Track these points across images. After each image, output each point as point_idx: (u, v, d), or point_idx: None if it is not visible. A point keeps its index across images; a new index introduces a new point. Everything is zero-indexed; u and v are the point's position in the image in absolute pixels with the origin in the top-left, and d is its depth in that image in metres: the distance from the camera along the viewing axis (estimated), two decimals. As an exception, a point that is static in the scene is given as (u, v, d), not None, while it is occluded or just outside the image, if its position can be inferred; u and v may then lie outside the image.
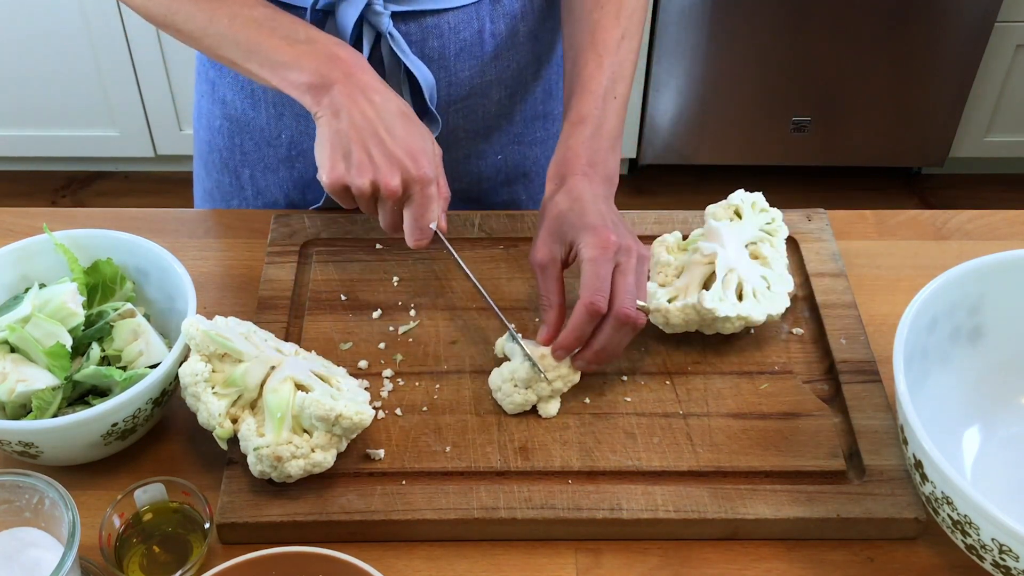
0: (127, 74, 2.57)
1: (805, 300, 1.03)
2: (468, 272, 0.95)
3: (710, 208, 1.05)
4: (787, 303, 0.98)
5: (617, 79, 0.99)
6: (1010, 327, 0.92)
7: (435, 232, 0.93)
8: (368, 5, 1.01)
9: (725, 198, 1.05)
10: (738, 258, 0.98)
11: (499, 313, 0.95)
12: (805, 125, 2.63)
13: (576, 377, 0.92)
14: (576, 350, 0.91)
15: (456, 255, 0.95)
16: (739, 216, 1.03)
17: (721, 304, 0.94)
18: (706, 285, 0.97)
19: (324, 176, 0.92)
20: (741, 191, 1.04)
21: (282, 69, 0.93)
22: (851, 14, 2.42)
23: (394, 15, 1.03)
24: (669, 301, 0.96)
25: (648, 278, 0.96)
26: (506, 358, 0.95)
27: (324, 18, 1.03)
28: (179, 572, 0.80)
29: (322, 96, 0.91)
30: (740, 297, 0.96)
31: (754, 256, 1.01)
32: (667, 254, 1.01)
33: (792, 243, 1.08)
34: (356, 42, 1.03)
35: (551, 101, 1.21)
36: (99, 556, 0.82)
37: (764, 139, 2.68)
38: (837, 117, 2.62)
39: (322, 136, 0.92)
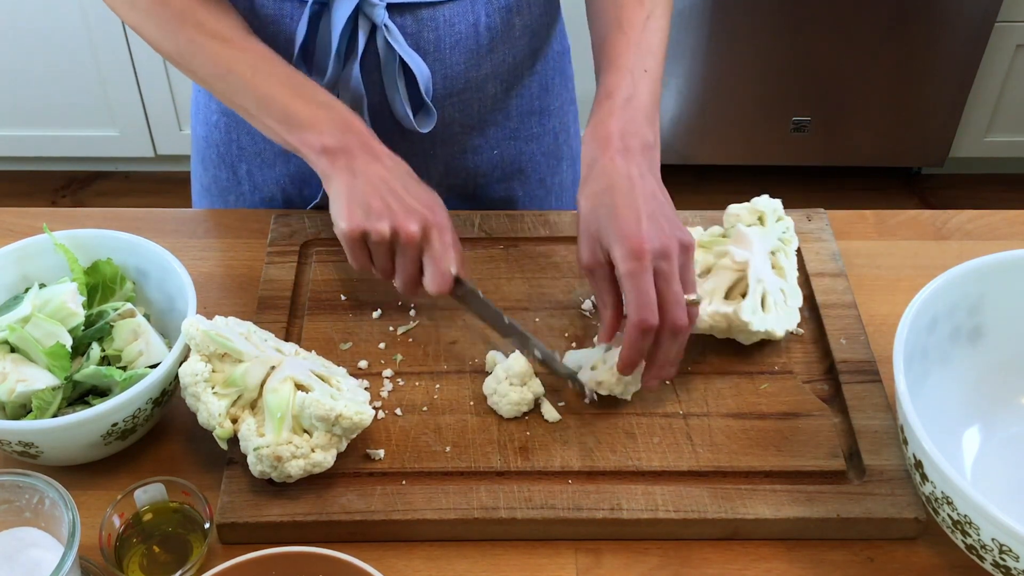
0: (127, 74, 2.57)
1: (805, 300, 1.03)
2: (501, 314, 0.96)
3: (732, 208, 1.03)
4: (798, 318, 0.98)
5: (645, 53, 0.98)
6: (1010, 327, 0.92)
7: (456, 278, 0.94)
8: None
9: (725, 198, 1.04)
10: (764, 268, 0.97)
11: (539, 345, 0.95)
12: (805, 125, 2.63)
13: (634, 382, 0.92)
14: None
15: (483, 297, 0.96)
16: (762, 223, 1.02)
17: (755, 317, 0.93)
18: (729, 291, 0.96)
19: (343, 223, 0.93)
20: (766, 197, 1.03)
21: (299, 128, 0.96)
22: (851, 14, 2.42)
23: (389, 7, 1.03)
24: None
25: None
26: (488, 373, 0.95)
27: (320, 11, 1.03)
28: (179, 572, 0.80)
29: (338, 159, 0.95)
30: (763, 308, 0.95)
31: (773, 266, 0.99)
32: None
33: (792, 243, 1.08)
34: (351, 34, 1.03)
35: (547, 96, 1.21)
36: (99, 556, 0.82)
37: (764, 139, 2.68)
38: (837, 117, 2.62)
39: (338, 192, 0.94)
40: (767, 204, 1.03)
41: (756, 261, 0.96)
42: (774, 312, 0.95)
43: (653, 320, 0.85)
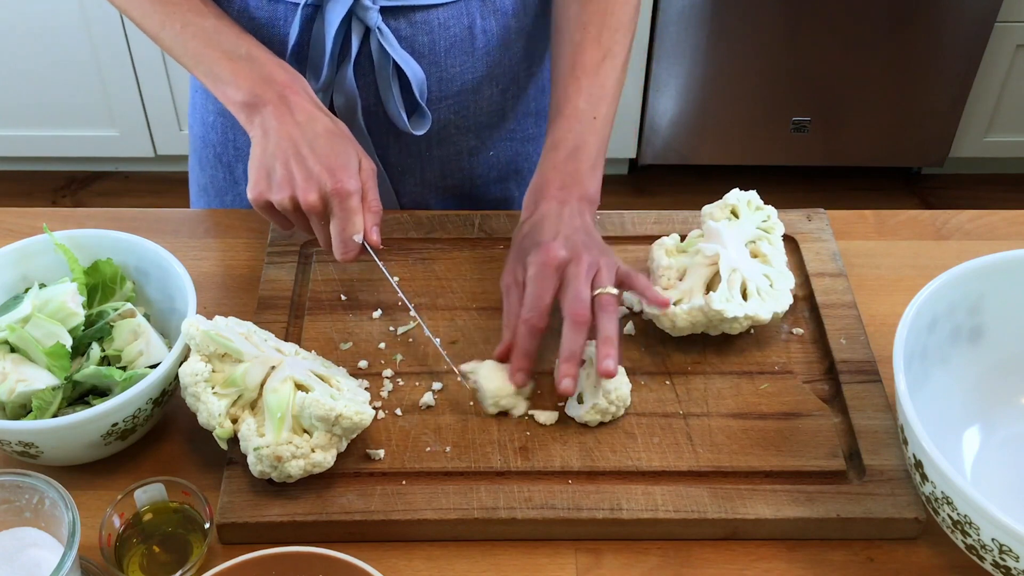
0: (127, 74, 2.57)
1: (805, 300, 1.03)
2: (397, 288, 0.98)
3: (706, 209, 1.05)
4: (790, 300, 0.98)
5: (598, 100, 1.00)
6: (1010, 327, 0.92)
7: (364, 245, 0.94)
8: (356, 0, 1.01)
9: (720, 198, 1.05)
10: (740, 258, 0.98)
11: (427, 330, 0.97)
12: (805, 125, 2.63)
13: (625, 391, 0.91)
14: (520, 368, 0.92)
15: (385, 270, 0.97)
16: (736, 216, 1.03)
17: (729, 305, 0.94)
18: (709, 286, 0.97)
19: (249, 193, 0.95)
20: (736, 190, 1.04)
21: (221, 83, 0.97)
22: (851, 14, 2.43)
23: (383, 10, 1.03)
24: (674, 304, 0.96)
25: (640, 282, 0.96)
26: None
27: (314, 13, 1.03)
28: (179, 572, 0.80)
29: (254, 115, 0.95)
30: (745, 297, 0.96)
31: (754, 254, 1.01)
32: (667, 257, 1.01)
33: (792, 243, 1.08)
34: (345, 37, 1.03)
35: (543, 98, 1.21)
36: (99, 556, 0.82)
37: (764, 139, 2.68)
38: (837, 117, 2.62)
39: (252, 155, 0.95)
40: (739, 197, 1.04)
41: (727, 253, 0.98)
42: (757, 298, 0.96)
43: (538, 321, 0.90)
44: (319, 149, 0.93)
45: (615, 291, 0.91)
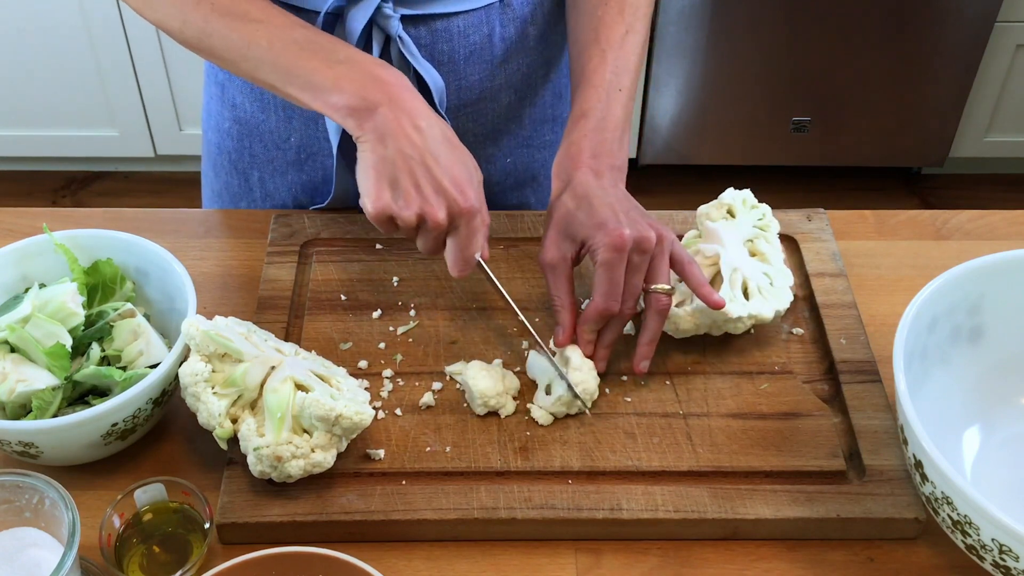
0: (127, 74, 2.57)
1: (805, 300, 1.03)
2: (510, 301, 0.96)
3: (702, 209, 1.05)
4: (791, 297, 0.98)
5: (621, 72, 0.99)
6: (1010, 327, 0.92)
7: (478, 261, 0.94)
8: (378, 8, 1.01)
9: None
10: (739, 257, 0.98)
11: (537, 339, 0.95)
12: (805, 125, 2.63)
13: (592, 385, 0.92)
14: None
15: (497, 283, 0.95)
16: (732, 215, 1.03)
17: (732, 305, 0.94)
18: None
19: (369, 205, 0.89)
20: (731, 189, 1.04)
21: (322, 92, 0.90)
22: (851, 14, 2.42)
23: (404, 18, 1.03)
24: (677, 306, 0.96)
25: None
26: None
27: (335, 21, 1.03)
28: (179, 572, 0.80)
29: (365, 120, 0.89)
30: (747, 296, 0.96)
31: (752, 253, 1.01)
32: None
33: (792, 243, 1.08)
34: (365, 45, 1.03)
35: (560, 104, 1.20)
36: (99, 556, 0.82)
37: (764, 139, 2.68)
38: (837, 117, 2.62)
39: (366, 162, 0.89)
40: (735, 196, 1.04)
41: (727, 252, 0.98)
42: (759, 297, 0.96)
43: (615, 308, 0.90)
44: (444, 160, 0.89)
45: (669, 288, 0.91)
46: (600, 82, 0.98)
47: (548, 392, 0.92)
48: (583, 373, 0.91)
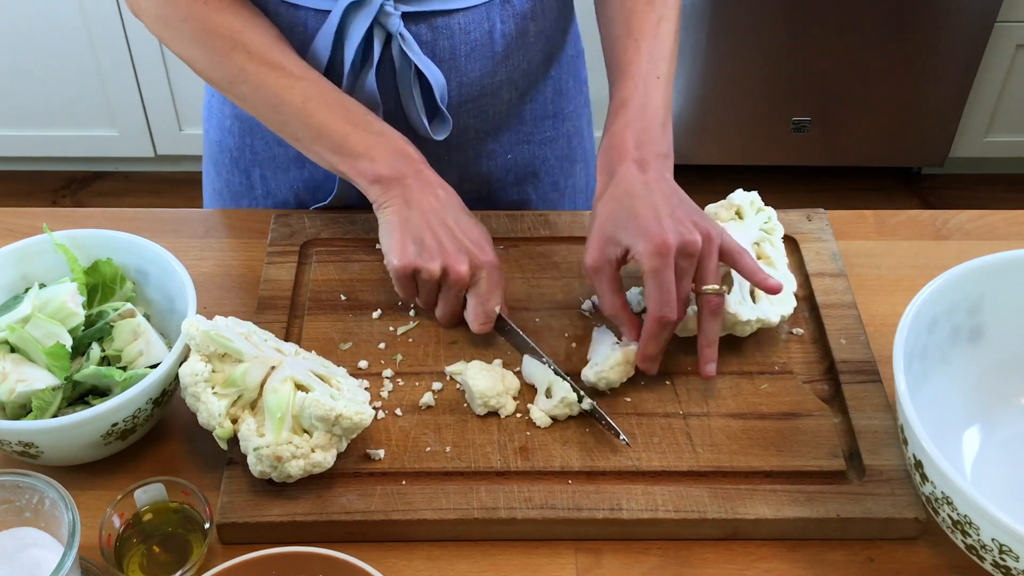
0: (127, 74, 2.57)
1: (805, 300, 1.03)
2: (537, 349, 0.96)
3: (710, 208, 1.04)
4: (794, 303, 0.98)
5: (657, 59, 0.99)
6: (1010, 327, 0.92)
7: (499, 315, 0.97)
8: (380, 7, 1.01)
9: (724, 198, 1.05)
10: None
11: (567, 378, 0.93)
12: (805, 125, 2.64)
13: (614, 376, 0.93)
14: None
15: (522, 333, 0.97)
16: (740, 216, 1.03)
17: (743, 307, 0.94)
18: None
19: (395, 259, 0.95)
20: (740, 191, 1.04)
21: (353, 157, 0.97)
22: (851, 14, 2.43)
23: (404, 16, 1.03)
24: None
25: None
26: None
27: (337, 22, 1.02)
28: (179, 572, 0.80)
29: (392, 188, 0.97)
30: (753, 299, 0.96)
31: (758, 256, 1.00)
32: None
33: (792, 243, 1.08)
34: (366, 43, 1.03)
35: (561, 100, 1.20)
36: (99, 556, 0.82)
37: (764, 139, 2.68)
38: (837, 117, 2.62)
39: (391, 224, 0.96)
40: (743, 198, 1.04)
41: None
42: (765, 301, 0.96)
43: (673, 315, 0.88)
44: (463, 223, 0.97)
45: (720, 289, 0.90)
46: (636, 72, 0.98)
47: (548, 395, 0.92)
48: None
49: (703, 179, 2.77)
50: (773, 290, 0.91)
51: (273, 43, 1.00)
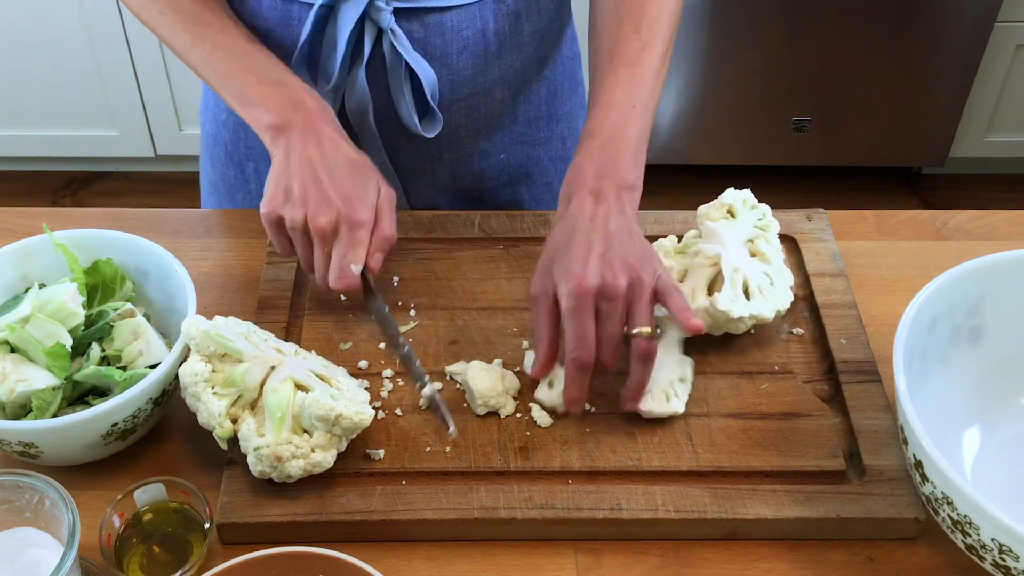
0: (127, 74, 2.57)
1: (805, 300, 1.03)
2: (398, 332, 0.95)
3: (702, 209, 1.04)
4: (791, 297, 0.98)
5: (637, 87, 0.97)
6: (1010, 327, 0.92)
7: (365, 278, 0.94)
8: (370, 1, 1.01)
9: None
10: (740, 257, 0.98)
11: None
12: (805, 125, 2.63)
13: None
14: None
15: (385, 307, 0.95)
16: (732, 215, 1.03)
17: (734, 305, 0.94)
18: (710, 286, 0.97)
19: (262, 206, 0.96)
20: (731, 189, 1.04)
21: (249, 105, 0.98)
22: (851, 14, 2.43)
23: (396, 12, 1.03)
24: None
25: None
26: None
27: (327, 14, 1.03)
28: (179, 572, 0.80)
29: (279, 137, 0.96)
30: (748, 296, 0.96)
31: (753, 253, 1.01)
32: (667, 259, 1.00)
33: (792, 243, 1.08)
34: (357, 39, 1.03)
35: (556, 101, 1.20)
36: (99, 556, 0.82)
37: (764, 139, 2.68)
38: (837, 117, 2.62)
39: (272, 172, 0.96)
40: (735, 196, 1.03)
41: (728, 252, 0.97)
42: (759, 297, 0.96)
43: (587, 357, 0.86)
44: (338, 177, 0.94)
45: (649, 332, 0.87)
46: (609, 100, 0.96)
47: (551, 387, 0.92)
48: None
49: (703, 179, 2.78)
50: (694, 329, 0.88)
51: None
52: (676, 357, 0.94)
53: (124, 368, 0.90)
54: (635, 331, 0.87)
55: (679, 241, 1.04)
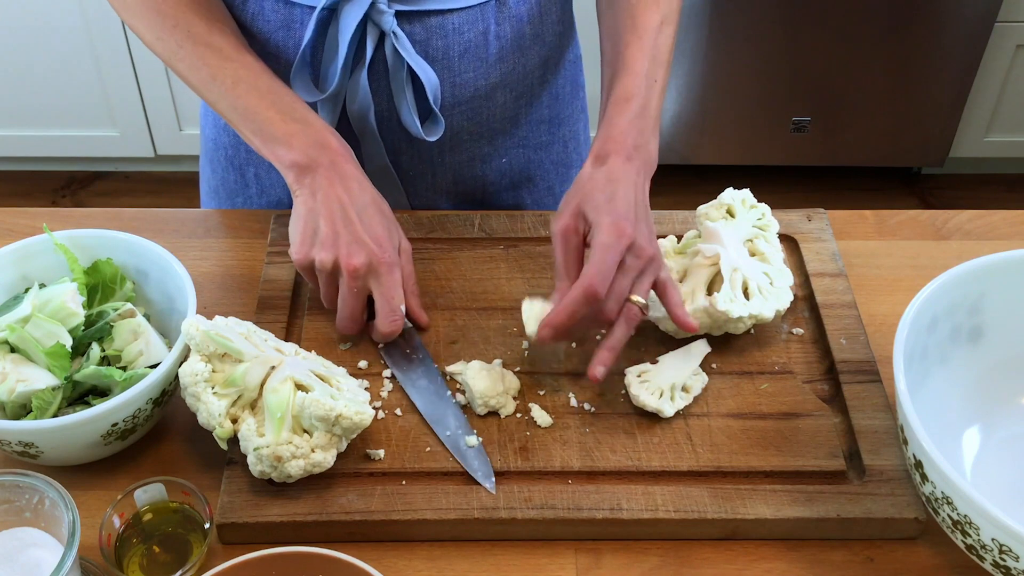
0: (127, 74, 2.57)
1: (805, 300, 1.03)
2: (445, 387, 0.94)
3: (701, 209, 1.04)
4: (791, 296, 0.98)
5: (657, 63, 0.99)
6: (1010, 327, 0.92)
7: (409, 325, 0.97)
8: (372, 4, 1.01)
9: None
10: (740, 257, 0.98)
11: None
12: (805, 125, 2.64)
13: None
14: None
15: (430, 358, 0.96)
16: (731, 215, 1.03)
17: (733, 305, 0.94)
18: (710, 287, 0.97)
19: (293, 251, 0.96)
20: (730, 189, 1.04)
21: (273, 143, 0.97)
22: (851, 14, 2.43)
23: (398, 14, 1.03)
24: None
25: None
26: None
27: (329, 17, 1.03)
28: (179, 572, 0.80)
29: (304, 176, 0.96)
30: (747, 296, 0.96)
31: (752, 253, 1.01)
32: (666, 259, 1.00)
33: (792, 243, 1.08)
34: (359, 41, 1.03)
35: (557, 105, 1.20)
36: (99, 556, 0.82)
37: (764, 139, 2.68)
38: (837, 117, 2.62)
39: (297, 214, 0.96)
40: (734, 196, 1.04)
41: (727, 252, 0.98)
42: (759, 296, 0.96)
43: (601, 292, 0.87)
44: (366, 218, 0.95)
45: (644, 303, 0.90)
46: (640, 70, 0.98)
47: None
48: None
49: (702, 179, 2.78)
50: (689, 329, 0.92)
51: (215, 27, 1.01)
52: (692, 366, 0.94)
53: (124, 368, 0.90)
54: (634, 297, 0.89)
55: (679, 241, 1.04)
